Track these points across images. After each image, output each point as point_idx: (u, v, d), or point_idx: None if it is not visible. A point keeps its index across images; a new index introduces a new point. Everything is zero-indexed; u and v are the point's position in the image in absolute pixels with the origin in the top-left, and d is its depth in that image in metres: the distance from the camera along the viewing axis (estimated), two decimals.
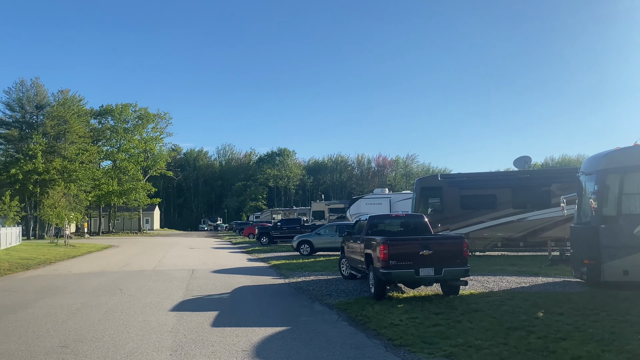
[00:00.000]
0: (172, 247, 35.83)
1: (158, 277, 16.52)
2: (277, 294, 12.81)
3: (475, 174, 23.03)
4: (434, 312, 9.43)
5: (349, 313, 9.95)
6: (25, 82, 57.85)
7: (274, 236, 36.24)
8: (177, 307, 10.86)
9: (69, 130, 58.53)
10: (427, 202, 22.18)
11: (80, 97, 65.71)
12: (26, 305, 11.39)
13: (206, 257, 25.39)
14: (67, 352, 7.20)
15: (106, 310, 10.49)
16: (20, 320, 9.57)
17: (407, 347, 7.24)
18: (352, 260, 14.19)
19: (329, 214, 45.05)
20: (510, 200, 20.70)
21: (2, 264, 20.49)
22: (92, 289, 13.96)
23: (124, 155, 75.16)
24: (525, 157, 24.56)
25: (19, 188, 51.55)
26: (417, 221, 13.58)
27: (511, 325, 8.23)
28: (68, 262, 23.59)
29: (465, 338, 7.52)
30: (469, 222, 20.87)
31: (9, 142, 57.33)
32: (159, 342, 7.77)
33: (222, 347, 7.43)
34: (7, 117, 58.00)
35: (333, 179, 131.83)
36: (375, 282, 11.21)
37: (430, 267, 10.65)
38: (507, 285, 12.89)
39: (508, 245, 20.97)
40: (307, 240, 25.34)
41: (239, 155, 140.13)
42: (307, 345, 7.50)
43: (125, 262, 22.84)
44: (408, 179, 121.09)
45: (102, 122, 76.04)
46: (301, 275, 16.38)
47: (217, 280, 15.68)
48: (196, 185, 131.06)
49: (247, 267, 20.27)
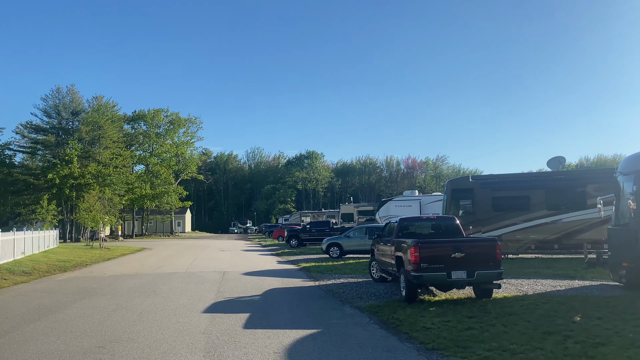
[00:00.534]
0: (203, 249, 36.29)
1: (190, 279, 16.75)
2: (307, 297, 12.83)
3: (507, 175, 22.62)
4: (467, 316, 9.29)
5: (380, 316, 9.88)
6: (61, 89, 59.62)
7: (303, 239, 36.32)
8: (209, 309, 10.98)
9: (103, 135, 59.99)
10: (458, 204, 21.88)
11: (114, 103, 67.46)
12: (64, 306, 11.70)
13: (237, 260, 25.63)
14: (104, 352, 7.36)
15: (140, 312, 10.69)
16: (59, 321, 9.83)
17: (440, 351, 7.15)
18: (382, 263, 14.11)
19: (358, 217, 44.92)
20: (544, 201, 20.24)
21: (40, 266, 21.12)
22: (126, 290, 14.25)
23: (156, 160, 76.63)
24: (559, 158, 23.99)
25: (55, 192, 53.08)
26: (448, 223, 13.41)
27: (547, 329, 8.05)
28: (103, 265, 24.14)
29: (500, 342, 7.38)
30: (501, 224, 20.49)
31: (46, 148, 59.07)
32: (192, 343, 7.87)
33: (254, 348, 7.48)
34: (44, 124, 59.81)
35: (362, 181, 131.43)
36: (406, 285, 11.12)
37: (462, 270, 10.50)
38: (542, 288, 12.61)
39: (542, 248, 20.50)
40: (336, 242, 25.32)
41: (267, 159, 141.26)
42: (338, 348, 7.48)
43: (158, 265, 23.24)
44: (438, 181, 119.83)
45: (135, 127, 77.76)
46: (331, 278, 16.37)
47: (248, 282, 15.81)
48: (226, 189, 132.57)
49: (277, 269, 20.36)
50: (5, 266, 19.09)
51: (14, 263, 20.41)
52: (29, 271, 19.32)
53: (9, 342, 8.06)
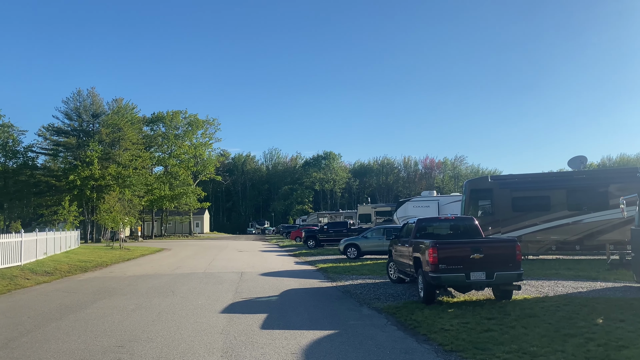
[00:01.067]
0: (221, 250, 36.52)
1: (208, 280, 16.86)
2: (324, 297, 12.81)
3: (527, 175, 22.29)
4: (486, 317, 9.18)
5: (398, 317, 9.82)
6: (81, 91, 60.65)
7: (321, 239, 36.31)
8: (227, 309, 11.03)
9: (123, 137, 60.80)
10: (477, 204, 21.66)
11: (133, 105, 68.30)
12: (84, 305, 11.86)
13: (254, 260, 25.72)
14: (123, 351, 7.43)
15: (159, 312, 10.78)
16: (80, 320, 9.96)
17: (459, 353, 7.07)
18: (400, 264, 14.03)
19: (376, 217, 44.77)
20: (565, 202, 19.92)
21: (62, 266, 21.47)
22: (145, 290, 14.39)
23: (175, 161, 77.41)
24: (580, 157, 23.58)
25: (77, 194, 53.92)
26: (467, 224, 13.26)
27: (568, 331, 7.91)
28: (123, 265, 24.43)
29: (520, 344, 7.28)
30: (521, 225, 20.23)
31: (67, 150, 60.07)
32: (210, 343, 7.91)
33: (272, 349, 7.48)
34: (65, 126, 60.87)
35: (379, 181, 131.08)
36: (424, 286, 11.03)
37: (481, 271, 10.38)
38: (563, 290, 12.40)
39: (563, 249, 20.18)
40: (354, 243, 25.26)
41: (285, 159, 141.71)
42: (355, 349, 7.45)
43: (177, 265, 23.45)
44: (456, 181, 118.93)
45: (153, 129, 78.71)
46: (348, 279, 16.33)
47: (266, 283, 15.85)
48: (244, 189, 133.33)
49: (295, 270, 20.38)
50: (28, 266, 19.44)
51: (37, 263, 20.77)
52: (51, 271, 19.65)
53: (31, 341, 8.19)
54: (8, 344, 7.99)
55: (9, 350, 7.59)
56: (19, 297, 13.65)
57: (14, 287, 15.38)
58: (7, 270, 17.60)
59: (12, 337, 8.53)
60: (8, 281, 16.21)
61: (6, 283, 15.89)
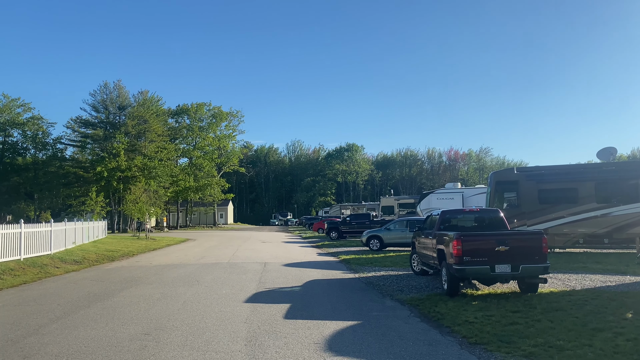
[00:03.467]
0: (245, 241, 36.84)
1: (232, 270, 17.03)
2: (347, 289, 12.82)
3: (554, 166, 21.83)
4: (511, 310, 9.07)
5: (421, 309, 9.77)
6: (108, 84, 61.60)
7: (343, 231, 36.30)
8: (250, 299, 11.13)
9: (149, 129, 61.61)
10: (502, 196, 21.35)
11: (159, 97, 69.13)
12: (112, 294, 12.10)
13: (277, 251, 25.88)
14: (149, 339, 7.56)
15: (184, 301, 10.94)
16: (107, 308, 10.18)
17: (483, 346, 7.00)
18: (423, 256, 13.94)
19: (399, 209, 44.55)
20: (594, 194, 19.47)
21: (90, 255, 21.95)
22: (171, 280, 14.61)
23: (199, 153, 78.19)
24: (609, 149, 23.00)
25: (104, 185, 54.94)
26: (492, 216, 13.08)
27: (596, 326, 7.75)
28: (149, 255, 24.85)
29: (546, 338, 7.17)
30: (547, 218, 19.86)
31: (95, 142, 61.19)
32: (234, 332, 7.99)
33: (295, 339, 7.53)
34: (93, 118, 61.96)
35: (402, 173, 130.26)
36: (448, 278, 10.94)
37: (506, 264, 10.25)
38: (591, 284, 12.16)
39: (591, 242, 19.76)
40: (376, 235, 25.19)
41: (307, 151, 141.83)
42: (378, 340, 7.44)
43: (201, 255, 23.74)
44: (481, 173, 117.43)
45: (178, 121, 79.59)
46: (371, 270, 16.30)
47: (289, 273, 15.93)
48: (267, 181, 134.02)
49: (317, 261, 20.44)
50: (57, 255, 19.92)
51: (66, 252, 21.28)
52: (80, 260, 20.11)
53: (61, 327, 8.40)
54: (39, 330, 8.21)
55: (40, 336, 7.80)
56: (49, 285, 14.01)
57: (45, 275, 15.80)
58: (38, 259, 18.07)
59: (42, 323, 8.76)
60: (39, 269, 16.65)
61: (37, 271, 16.32)
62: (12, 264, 16.23)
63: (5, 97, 66.49)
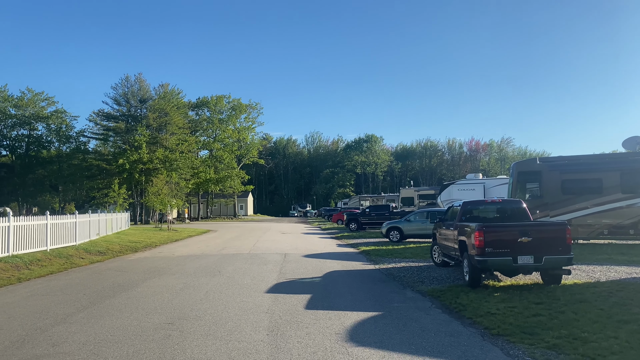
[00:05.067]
0: (265, 232, 37.07)
1: (253, 260, 17.17)
2: (367, 280, 12.82)
3: (578, 156, 21.43)
4: (534, 302, 8.97)
5: (443, 301, 9.73)
6: (129, 77, 62.30)
7: (363, 222, 36.27)
8: (271, 290, 11.22)
9: (170, 122, 62.20)
10: (524, 187, 21.06)
11: (179, 90, 69.79)
12: (135, 284, 12.31)
13: (297, 242, 25.99)
14: (173, 328, 7.68)
15: (207, 291, 11.07)
16: (131, 298, 10.36)
17: (506, 337, 6.95)
18: (444, 247, 13.86)
19: (419, 201, 44.27)
20: (619, 184, 19.08)
21: (113, 246, 22.33)
22: (193, 270, 14.80)
23: (220, 145, 78.76)
24: (636, 138, 22.46)
25: (126, 177, 55.74)
26: (514, 207, 12.93)
27: (622, 318, 7.63)
28: (171, 246, 25.18)
29: (570, 330, 7.08)
30: (571, 209, 19.55)
31: (117, 134, 62.05)
32: (256, 322, 8.07)
33: (316, 329, 7.57)
34: (114, 111, 62.79)
35: (422, 164, 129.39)
36: (470, 269, 10.86)
37: (529, 255, 10.13)
38: (616, 275, 11.96)
39: (616, 234, 19.38)
40: (396, 226, 25.10)
41: (326, 143, 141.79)
42: (400, 331, 7.44)
43: (222, 246, 23.97)
44: (503, 164, 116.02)
45: (199, 114, 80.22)
46: (391, 262, 16.27)
47: (309, 264, 16.00)
48: (286, 173, 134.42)
49: (337, 252, 20.48)
50: (82, 246, 20.32)
51: (90, 243, 21.68)
52: (104, 251, 20.47)
53: (87, 317, 8.58)
54: (66, 319, 8.40)
55: (67, 325, 7.98)
56: (74, 275, 14.31)
57: (70, 266, 16.13)
58: (64, 250, 18.46)
59: (69, 312, 8.97)
60: (64, 260, 17.01)
61: (63, 262, 16.67)
62: (39, 255, 16.61)
63: (30, 91, 67.84)
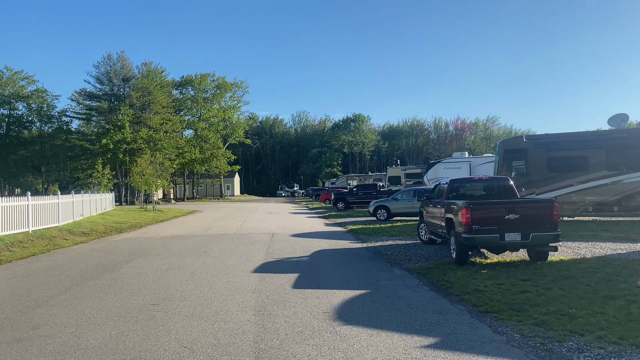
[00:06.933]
0: (252, 212, 36.93)
1: (240, 240, 17.05)
2: (355, 258, 12.79)
3: (564, 134, 21.49)
4: (521, 279, 8.98)
5: (430, 278, 9.72)
6: (112, 56, 61.14)
7: (350, 202, 36.29)
8: (258, 269, 11.12)
9: (153, 101, 61.28)
10: (510, 165, 21.11)
11: (162, 68, 68.53)
12: (120, 265, 12.14)
13: (285, 222, 25.91)
14: (158, 309, 7.55)
15: (192, 271, 10.94)
16: (116, 279, 10.19)
17: (494, 314, 6.93)
18: (431, 225, 13.85)
19: (405, 179, 44.37)
20: (604, 161, 19.20)
21: (98, 227, 22.05)
22: (178, 251, 14.64)
23: (205, 124, 77.83)
24: (621, 115, 22.59)
25: (110, 157, 55.02)
26: (501, 184, 12.91)
27: (608, 293, 7.66)
28: (156, 226, 24.95)
29: (557, 306, 7.09)
30: (556, 186, 19.67)
31: (100, 114, 61.04)
32: (243, 302, 7.97)
33: (303, 308, 7.49)
34: (97, 90, 61.67)
35: (409, 144, 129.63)
36: (457, 247, 10.86)
37: (516, 232, 10.13)
38: (602, 251, 12.05)
39: (600, 210, 19.58)
40: (383, 205, 25.12)
41: (313, 122, 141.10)
42: (388, 308, 7.39)
43: (209, 226, 23.80)
44: (488, 142, 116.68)
45: (183, 93, 79.00)
46: (379, 240, 16.27)
47: (296, 243, 15.92)
48: (273, 153, 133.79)
49: (325, 231, 20.44)
50: (65, 227, 20.02)
51: (74, 224, 21.37)
52: (88, 232, 20.20)
53: (70, 298, 8.41)
54: (48, 301, 8.23)
55: (49, 307, 7.81)
56: (57, 256, 14.08)
57: (53, 247, 15.88)
58: (46, 231, 18.16)
59: (51, 294, 8.79)
60: (47, 241, 16.73)
61: (45, 243, 16.40)
62: (21, 236, 16.32)
63: (8, 69, 66.15)
